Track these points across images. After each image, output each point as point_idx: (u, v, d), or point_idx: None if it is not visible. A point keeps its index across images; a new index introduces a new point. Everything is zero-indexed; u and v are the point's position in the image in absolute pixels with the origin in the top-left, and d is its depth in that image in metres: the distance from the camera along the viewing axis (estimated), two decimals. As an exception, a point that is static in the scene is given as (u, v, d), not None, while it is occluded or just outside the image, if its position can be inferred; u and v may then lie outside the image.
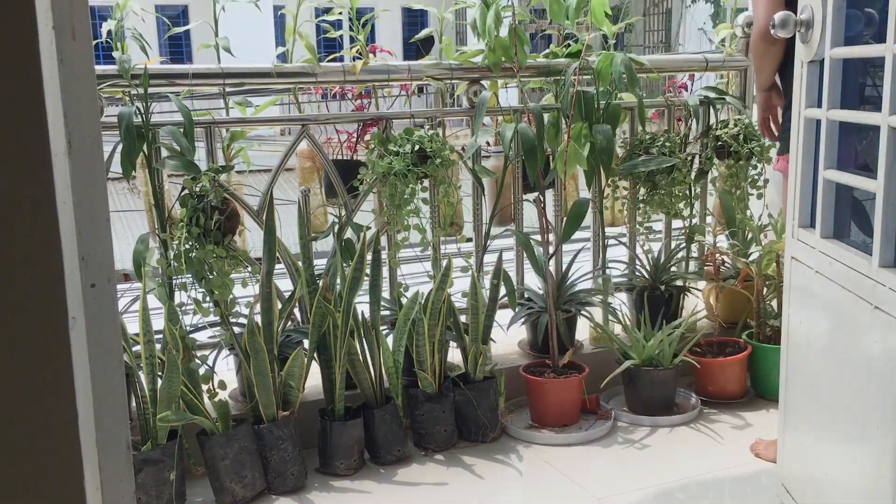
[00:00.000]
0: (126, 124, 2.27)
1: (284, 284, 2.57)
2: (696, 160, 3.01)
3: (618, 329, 2.96)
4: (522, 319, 2.83)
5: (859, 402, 1.68)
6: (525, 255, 2.78)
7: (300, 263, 2.47)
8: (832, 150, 1.82)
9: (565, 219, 2.75)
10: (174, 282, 2.33)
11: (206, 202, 2.26)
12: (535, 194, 2.79)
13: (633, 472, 2.38)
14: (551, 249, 2.72)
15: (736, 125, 2.90)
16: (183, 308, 2.31)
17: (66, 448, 0.69)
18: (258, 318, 2.35)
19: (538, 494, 2.30)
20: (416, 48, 3.08)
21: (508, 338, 2.93)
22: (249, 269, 2.44)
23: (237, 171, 2.68)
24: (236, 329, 2.39)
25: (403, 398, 2.51)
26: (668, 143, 2.84)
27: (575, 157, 2.64)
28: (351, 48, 2.68)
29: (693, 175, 2.95)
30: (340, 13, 2.73)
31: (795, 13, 1.98)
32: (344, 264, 2.47)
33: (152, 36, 16.08)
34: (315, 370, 2.45)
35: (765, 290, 2.87)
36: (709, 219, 3.18)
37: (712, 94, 3.02)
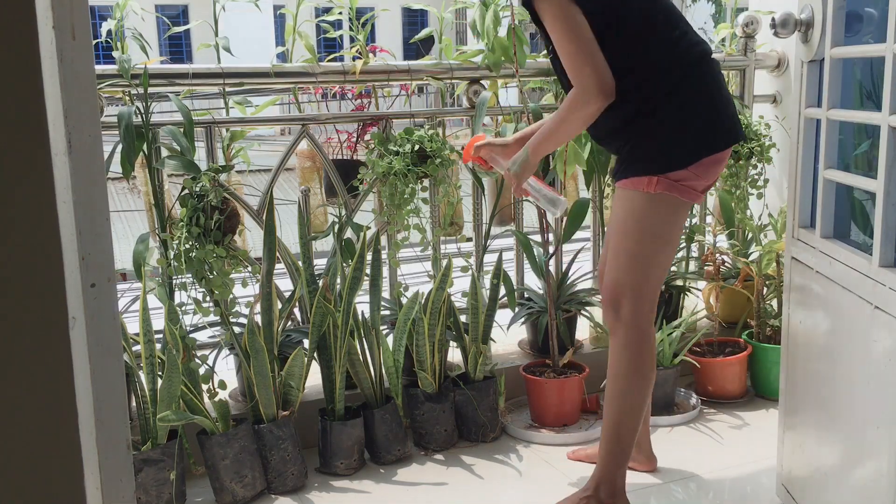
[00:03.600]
0: (126, 124, 2.27)
1: (284, 284, 2.57)
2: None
3: (618, 329, 2.95)
4: (522, 319, 2.83)
5: (859, 402, 1.68)
6: (525, 255, 2.78)
7: (300, 263, 2.47)
8: (832, 150, 1.82)
9: (565, 219, 2.75)
10: (174, 282, 2.33)
11: (206, 202, 2.26)
12: (535, 194, 2.79)
13: (633, 471, 2.38)
14: (551, 249, 2.72)
15: (736, 125, 2.90)
16: (183, 308, 2.31)
17: (66, 448, 0.69)
18: (258, 318, 2.35)
19: (538, 494, 2.30)
20: (416, 48, 3.08)
21: (508, 338, 2.94)
22: (249, 269, 2.44)
23: (237, 171, 2.68)
24: (236, 329, 2.39)
25: (403, 398, 2.51)
26: (668, 143, 2.83)
27: (575, 157, 2.64)
28: (351, 48, 2.68)
29: (693, 175, 2.94)
30: (340, 13, 2.73)
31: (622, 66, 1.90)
32: (344, 264, 2.47)
33: (152, 36, 16.10)
34: (315, 370, 2.45)
35: (765, 290, 2.87)
36: (709, 219, 3.18)
37: (712, 94, 3.01)
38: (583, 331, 2.99)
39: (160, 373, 2.18)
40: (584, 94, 1.90)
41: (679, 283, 3.01)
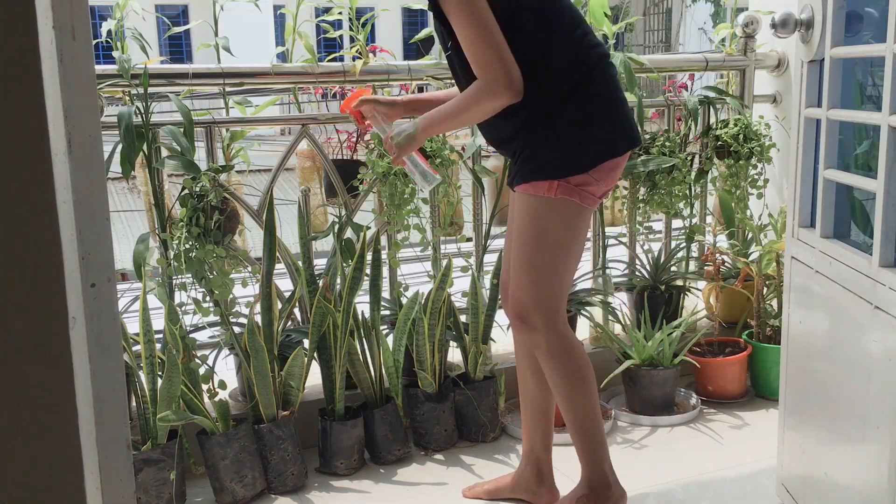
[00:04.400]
0: (126, 124, 2.27)
1: (284, 284, 2.57)
2: (696, 160, 3.01)
3: (618, 329, 2.96)
4: (522, 319, 2.83)
5: (859, 402, 1.68)
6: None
7: (300, 263, 2.47)
8: (832, 150, 1.82)
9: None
10: (174, 282, 2.33)
11: (206, 202, 2.26)
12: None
13: (633, 471, 2.38)
14: (551, 249, 2.71)
15: (736, 125, 2.91)
16: (183, 308, 2.32)
17: (66, 448, 0.69)
18: (258, 318, 2.35)
19: (538, 494, 2.29)
20: (416, 48, 3.08)
21: (508, 338, 2.93)
22: (249, 269, 2.44)
23: (237, 171, 2.68)
24: (236, 329, 2.39)
25: (403, 398, 2.51)
26: (667, 143, 2.84)
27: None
28: (351, 48, 2.68)
29: (693, 175, 2.95)
30: (340, 13, 2.73)
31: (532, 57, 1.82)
32: (344, 264, 2.47)
33: (152, 36, 16.10)
34: (315, 370, 2.46)
35: (765, 289, 2.87)
36: (709, 219, 3.18)
37: (712, 94, 3.02)
38: (582, 331, 2.99)
39: (160, 373, 2.18)
40: (492, 88, 1.79)
41: (679, 283, 3.01)
